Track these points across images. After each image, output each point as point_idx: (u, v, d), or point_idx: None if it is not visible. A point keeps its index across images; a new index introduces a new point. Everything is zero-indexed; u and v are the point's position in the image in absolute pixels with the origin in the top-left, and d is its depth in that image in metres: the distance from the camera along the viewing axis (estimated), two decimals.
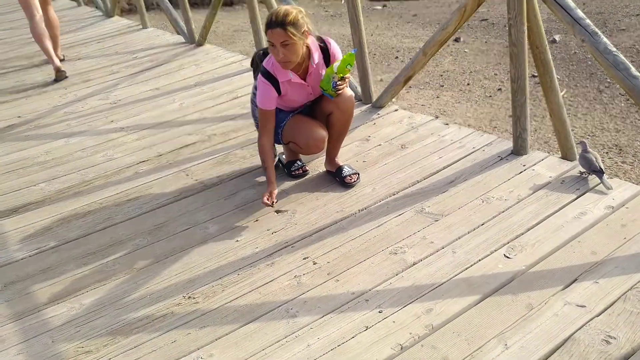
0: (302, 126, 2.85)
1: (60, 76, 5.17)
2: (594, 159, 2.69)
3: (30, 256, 2.67)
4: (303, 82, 2.79)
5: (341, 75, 2.68)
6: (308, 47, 2.73)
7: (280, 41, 2.55)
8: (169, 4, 6.29)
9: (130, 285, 2.41)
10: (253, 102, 3.02)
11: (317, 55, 2.77)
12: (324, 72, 2.79)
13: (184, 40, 6.01)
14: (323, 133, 2.84)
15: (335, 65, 2.68)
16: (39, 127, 4.17)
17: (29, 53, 6.18)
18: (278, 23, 2.53)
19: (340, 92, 2.73)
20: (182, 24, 6.02)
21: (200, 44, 5.78)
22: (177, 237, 2.69)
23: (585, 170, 2.75)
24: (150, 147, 3.65)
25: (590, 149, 2.74)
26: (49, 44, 5.20)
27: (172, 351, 2.04)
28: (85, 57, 5.88)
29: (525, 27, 2.78)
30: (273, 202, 2.72)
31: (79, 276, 2.50)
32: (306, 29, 2.60)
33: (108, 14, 7.60)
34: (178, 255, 2.56)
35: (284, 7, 2.59)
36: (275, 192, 2.76)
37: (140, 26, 6.82)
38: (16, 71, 5.63)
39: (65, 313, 2.29)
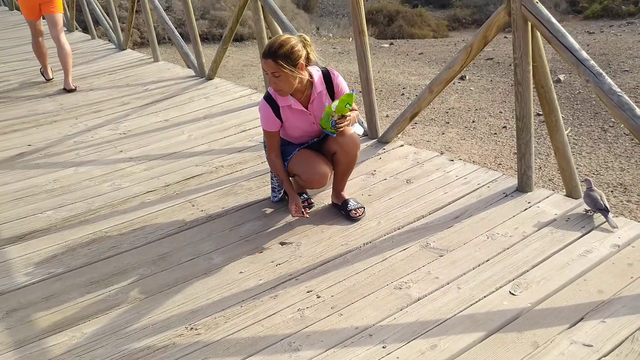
0: (306, 161, 2.87)
1: (47, 80, 6.33)
2: (599, 198, 2.69)
3: (33, 283, 2.67)
4: (305, 109, 2.83)
5: (341, 113, 2.71)
6: (310, 75, 2.77)
7: (271, 72, 2.61)
8: (180, 38, 6.42)
9: (133, 315, 2.40)
10: None
11: (319, 85, 2.80)
12: (327, 103, 2.82)
13: (194, 74, 6.10)
14: (326, 169, 2.86)
15: (334, 104, 2.71)
16: (48, 156, 4.22)
17: (42, 84, 6.29)
18: (270, 54, 2.57)
19: (341, 129, 2.76)
20: (192, 57, 6.13)
21: (210, 77, 5.87)
22: (181, 268, 2.69)
23: (590, 209, 2.75)
24: (157, 177, 3.68)
25: (594, 187, 2.75)
26: (45, 58, 6.22)
27: None
28: (97, 88, 5.97)
29: (531, 67, 2.82)
30: (302, 211, 2.81)
31: (82, 305, 2.49)
32: (302, 62, 2.63)
33: (120, 47, 7.76)
34: (182, 286, 2.55)
35: (282, 37, 2.61)
36: (300, 200, 2.85)
37: (152, 59, 6.95)
38: (29, 101, 5.72)
39: (66, 342, 2.27)
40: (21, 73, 6.91)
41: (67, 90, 5.83)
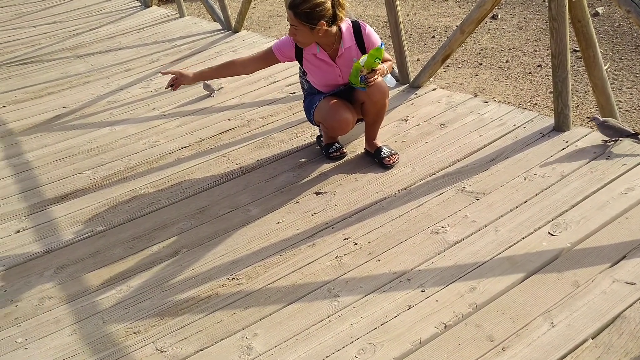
0: (330, 108, 2.85)
1: None
2: (619, 124, 2.64)
3: (79, 240, 2.76)
4: (332, 62, 2.79)
5: (370, 68, 2.66)
6: (340, 30, 2.72)
7: (290, 23, 2.61)
8: None
9: (175, 267, 2.47)
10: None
11: (348, 39, 2.75)
12: (356, 57, 2.77)
13: (220, 27, 6.05)
14: (347, 116, 2.83)
15: (362, 59, 2.65)
16: (83, 117, 4.28)
17: (72, 45, 6.33)
18: (293, 6, 2.56)
19: (371, 84, 2.71)
20: (218, 11, 6.06)
21: (236, 30, 5.81)
22: (219, 220, 2.74)
23: (610, 138, 2.70)
24: (191, 133, 3.71)
25: (605, 118, 2.70)
26: None
27: (218, 331, 2.09)
28: (126, 46, 5.98)
29: (567, 1, 2.70)
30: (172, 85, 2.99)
31: (126, 259, 2.57)
32: (324, 22, 2.58)
33: (146, 4, 7.71)
34: (221, 238, 2.61)
35: None
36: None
37: (178, 15, 6.90)
38: (61, 63, 5.78)
39: (114, 295, 2.36)
40: (51, 36, 6.96)
41: None
